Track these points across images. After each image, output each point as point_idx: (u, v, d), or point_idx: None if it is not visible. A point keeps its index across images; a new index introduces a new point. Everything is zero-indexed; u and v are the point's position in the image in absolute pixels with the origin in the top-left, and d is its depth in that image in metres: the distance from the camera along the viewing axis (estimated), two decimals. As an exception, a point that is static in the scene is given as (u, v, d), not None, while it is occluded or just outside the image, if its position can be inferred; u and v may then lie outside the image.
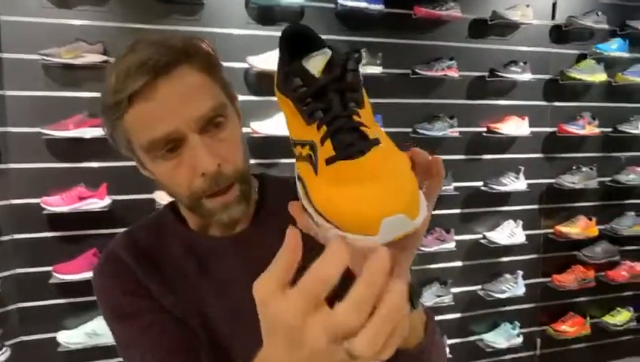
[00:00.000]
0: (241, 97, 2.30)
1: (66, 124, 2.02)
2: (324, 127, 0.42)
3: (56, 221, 2.09)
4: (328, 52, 0.44)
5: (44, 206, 2.02)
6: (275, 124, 2.24)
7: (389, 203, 0.37)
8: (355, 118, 0.42)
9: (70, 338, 2.05)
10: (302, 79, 0.43)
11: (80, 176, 2.09)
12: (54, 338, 2.06)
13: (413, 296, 0.57)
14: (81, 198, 2.05)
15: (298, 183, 0.46)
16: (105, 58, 2.05)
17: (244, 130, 2.20)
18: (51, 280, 2.04)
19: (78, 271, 2.03)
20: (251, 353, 0.69)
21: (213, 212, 0.69)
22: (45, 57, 1.99)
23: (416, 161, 0.46)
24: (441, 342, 0.70)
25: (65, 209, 2.03)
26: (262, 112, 2.26)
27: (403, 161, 0.43)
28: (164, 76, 0.63)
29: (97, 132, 2.03)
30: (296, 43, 0.48)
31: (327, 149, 0.41)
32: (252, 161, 2.28)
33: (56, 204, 2.03)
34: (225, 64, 0.73)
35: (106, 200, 2.09)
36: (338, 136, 0.41)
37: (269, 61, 2.20)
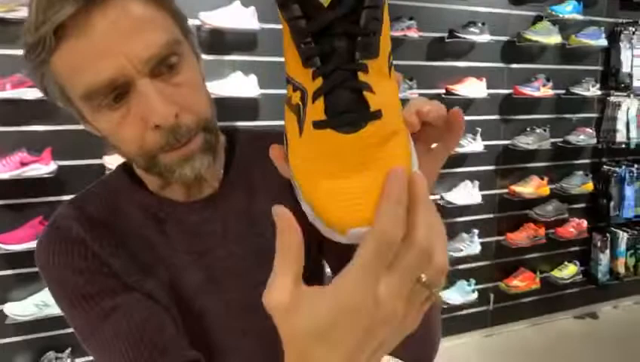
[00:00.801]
0: (194, 56, 2.20)
1: (2, 83, 1.87)
2: (320, 80, 0.34)
3: (-2, 188, 1.97)
4: None
5: (-18, 172, 1.88)
6: (231, 85, 2.15)
7: (362, 211, 0.33)
8: (361, 75, 0.34)
9: (18, 309, 1.96)
10: (303, 5, 0.33)
11: (21, 140, 1.95)
12: (1, 310, 1.97)
13: None
14: (24, 164, 1.91)
15: (284, 132, 0.39)
16: (42, 12, 1.89)
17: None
18: (-5, 251, 1.93)
19: (23, 241, 1.92)
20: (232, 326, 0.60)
21: (173, 168, 0.58)
22: (-26, 10, 1.82)
23: (428, 121, 0.40)
24: (439, 309, 0.71)
25: (6, 175, 1.89)
26: (216, 72, 2.17)
27: (400, 146, 0.36)
28: (98, 5, 0.50)
29: (38, 92, 1.89)
30: None
31: (317, 109, 0.34)
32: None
33: (-5, 170, 1.90)
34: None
35: (52, 166, 1.96)
36: (333, 96, 0.34)
37: (222, 17, 2.10)
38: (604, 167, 3.21)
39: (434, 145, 0.44)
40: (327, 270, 0.79)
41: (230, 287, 0.67)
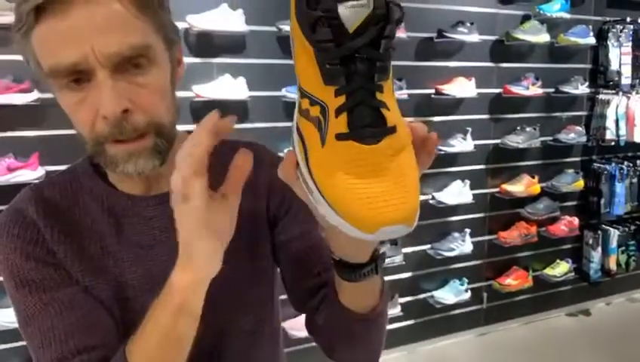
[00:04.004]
0: (182, 59, 2.19)
1: (-13, 89, 1.86)
2: (344, 97, 0.39)
3: (-16, 195, 1.95)
4: (370, 4, 0.37)
5: (-32, 179, 1.87)
6: (219, 87, 2.15)
7: (392, 212, 0.38)
8: (378, 95, 0.39)
9: (7, 317, 1.94)
10: (332, 31, 0.38)
11: (8, 145, 1.94)
12: (-9, 318, 1.95)
13: (379, 262, 0.58)
14: (11, 170, 1.90)
15: (296, 139, 0.44)
16: (28, 17, 1.88)
17: (186, 93, 2.12)
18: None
19: (11, 247, 1.91)
20: None
21: (116, 160, 0.61)
22: (-42, 15, 1.80)
23: (414, 137, 0.44)
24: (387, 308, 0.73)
25: (-7, 182, 1.89)
26: (204, 75, 2.17)
27: (410, 158, 0.41)
28: None
29: (25, 98, 1.89)
30: None
31: (340, 123, 0.39)
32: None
33: (-18, 176, 1.89)
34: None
35: (39, 171, 1.95)
36: (356, 112, 0.39)
37: (209, 20, 2.09)
38: (595, 164, 3.23)
39: None
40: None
41: None
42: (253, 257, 0.75)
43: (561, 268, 3.20)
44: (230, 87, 2.17)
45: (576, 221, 3.18)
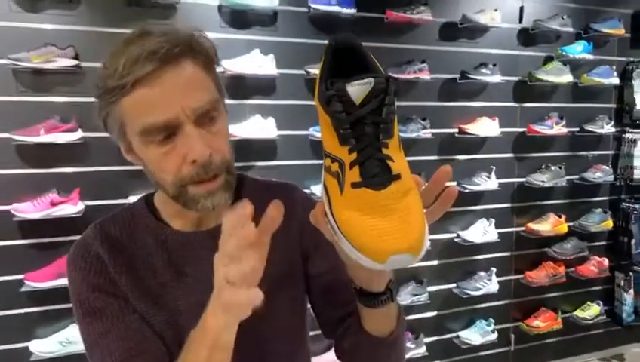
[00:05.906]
0: (215, 101, 2.31)
1: (36, 129, 1.99)
2: (355, 154, 0.48)
3: (28, 228, 2.06)
4: (371, 82, 0.47)
5: (14, 213, 1.98)
6: (250, 127, 2.25)
7: (398, 242, 0.45)
8: (384, 150, 0.48)
9: (43, 347, 2.01)
10: (343, 104, 0.48)
11: (52, 181, 2.06)
12: (27, 347, 2.02)
13: (393, 290, 0.67)
14: (54, 204, 2.01)
15: (323, 191, 0.54)
16: (76, 62, 2.03)
17: (219, 133, 2.22)
18: (22, 289, 2.00)
19: (50, 279, 1.99)
20: None
21: (198, 199, 0.70)
22: (15, 62, 1.96)
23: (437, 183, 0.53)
24: (405, 334, 0.80)
25: (37, 215, 1.99)
26: (236, 115, 2.27)
27: (415, 198, 0.49)
28: (170, 66, 0.65)
29: (70, 137, 2.02)
30: (343, 52, 0.54)
31: (354, 174, 0.48)
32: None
33: (27, 210, 1.99)
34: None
35: (79, 206, 2.06)
36: (366, 165, 0.48)
37: (242, 64, 2.21)
38: (624, 204, 3.18)
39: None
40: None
41: None
42: (289, 287, 0.83)
43: (592, 311, 3.12)
44: (260, 127, 2.27)
45: (605, 261, 3.12)
